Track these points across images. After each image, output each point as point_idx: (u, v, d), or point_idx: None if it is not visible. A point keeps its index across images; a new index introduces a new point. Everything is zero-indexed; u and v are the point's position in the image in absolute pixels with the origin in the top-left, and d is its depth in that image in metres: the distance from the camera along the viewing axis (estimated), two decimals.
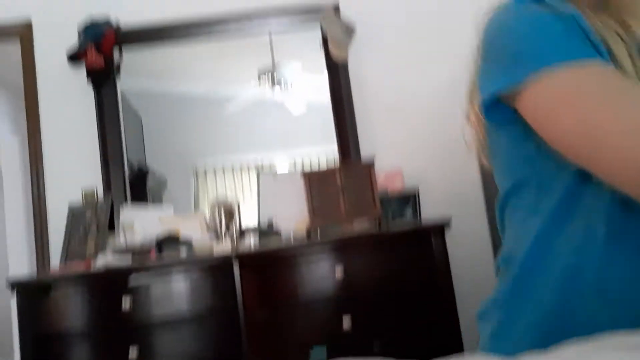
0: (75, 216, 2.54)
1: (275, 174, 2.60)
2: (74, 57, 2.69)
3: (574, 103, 0.60)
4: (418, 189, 2.55)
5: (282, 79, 2.84)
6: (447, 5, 2.86)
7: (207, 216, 2.49)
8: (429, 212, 2.66)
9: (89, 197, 2.60)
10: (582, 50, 0.63)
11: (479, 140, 0.87)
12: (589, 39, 0.65)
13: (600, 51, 0.65)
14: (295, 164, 2.76)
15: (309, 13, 2.79)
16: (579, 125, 0.59)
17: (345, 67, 2.75)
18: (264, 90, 2.82)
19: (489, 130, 0.82)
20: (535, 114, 0.66)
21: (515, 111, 0.70)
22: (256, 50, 2.85)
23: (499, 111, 0.72)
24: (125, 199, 2.62)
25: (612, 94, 0.59)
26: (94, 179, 2.66)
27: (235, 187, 2.72)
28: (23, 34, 2.78)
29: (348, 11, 2.80)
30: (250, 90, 2.81)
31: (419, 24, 2.85)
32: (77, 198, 2.62)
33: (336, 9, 2.79)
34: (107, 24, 2.73)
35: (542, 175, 0.73)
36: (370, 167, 2.40)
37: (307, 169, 2.69)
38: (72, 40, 2.74)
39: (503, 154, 0.81)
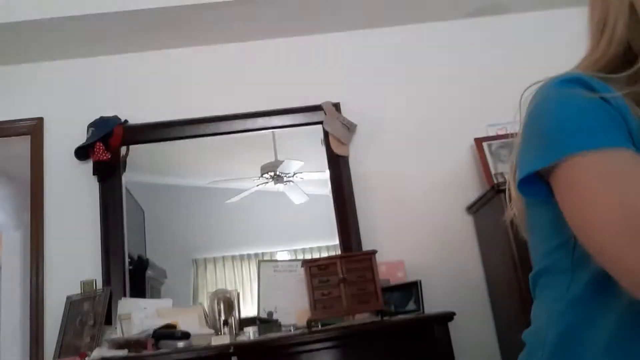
0: (73, 307, 2.50)
1: (276, 264, 2.58)
2: (82, 153, 2.77)
3: (595, 186, 0.62)
4: (420, 281, 2.53)
5: (285, 175, 2.90)
6: (445, 100, 2.98)
7: (206, 308, 2.44)
8: (432, 304, 2.61)
9: (87, 288, 2.57)
10: (618, 138, 0.64)
11: (519, 216, 0.87)
12: (630, 129, 0.66)
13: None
14: (296, 255, 2.75)
15: (311, 111, 2.90)
16: (585, 208, 0.62)
17: (346, 160, 2.82)
18: (267, 184, 2.87)
19: (527, 208, 0.83)
20: (561, 193, 0.68)
21: (551, 192, 0.71)
22: (259, 146, 2.93)
23: (536, 190, 0.73)
24: (124, 291, 2.59)
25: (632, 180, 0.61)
26: (93, 272, 2.65)
27: (235, 278, 2.69)
28: (34, 130, 2.87)
29: (349, 108, 2.91)
30: (253, 184, 2.86)
31: (418, 118, 2.95)
32: (75, 291, 2.60)
33: (337, 106, 2.90)
34: (116, 120, 2.83)
35: (574, 262, 0.73)
36: (371, 257, 2.39)
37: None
38: (80, 135, 2.82)
39: (539, 233, 0.81)
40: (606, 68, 0.75)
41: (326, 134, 2.85)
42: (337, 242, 2.72)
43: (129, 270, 2.66)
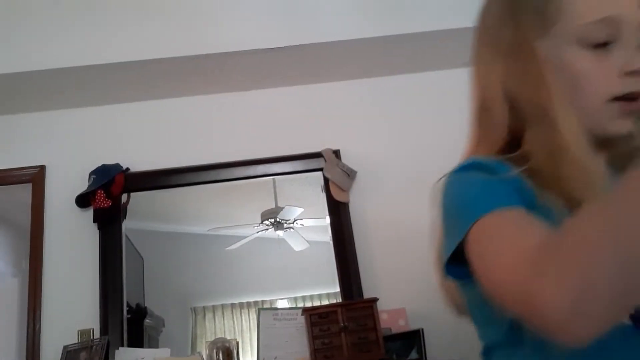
0: (69, 356, 2.45)
1: (276, 312, 2.55)
2: (83, 200, 2.77)
3: (496, 238, 0.67)
4: (422, 329, 2.49)
5: (285, 222, 2.90)
6: (445, 147, 2.99)
7: (205, 358, 2.40)
8: (435, 353, 2.56)
9: (84, 338, 2.53)
10: (512, 201, 0.69)
11: (457, 298, 0.89)
12: (526, 197, 0.71)
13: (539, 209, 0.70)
14: (296, 303, 2.72)
15: (311, 158, 2.92)
16: (489, 259, 0.66)
17: (346, 207, 2.82)
18: (267, 231, 2.86)
19: (461, 289, 0.85)
20: (471, 257, 0.70)
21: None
22: (260, 193, 2.94)
23: (461, 272, 0.75)
24: (122, 341, 2.56)
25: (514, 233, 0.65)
26: (91, 320, 2.61)
27: (234, 326, 2.66)
28: (35, 178, 2.88)
29: (349, 155, 2.93)
30: (253, 231, 2.86)
31: (418, 164, 2.96)
32: (72, 341, 2.56)
33: (337, 153, 2.92)
34: (117, 168, 2.85)
35: (510, 337, 0.75)
36: (372, 305, 2.36)
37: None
38: (82, 183, 2.83)
39: (475, 312, 0.84)
40: (496, 152, 0.80)
41: (326, 180, 2.86)
42: (337, 289, 2.70)
43: (127, 319, 2.62)
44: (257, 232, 2.82)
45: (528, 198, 0.71)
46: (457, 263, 0.73)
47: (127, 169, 2.88)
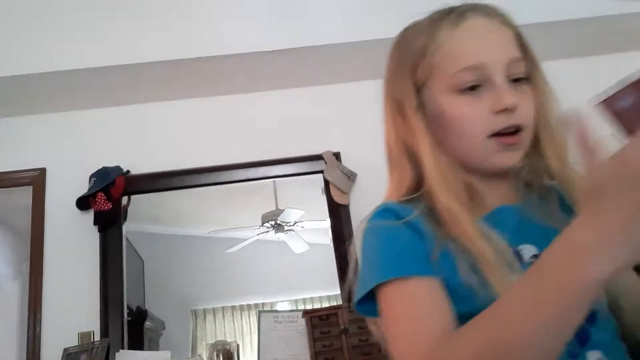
0: (70, 358, 2.45)
1: (276, 314, 2.55)
2: (83, 203, 2.77)
3: (388, 312, 0.75)
4: None
5: (285, 224, 2.90)
6: None
7: None
8: None
9: (84, 340, 2.53)
10: (417, 267, 0.76)
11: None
12: (425, 243, 0.78)
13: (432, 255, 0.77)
14: (297, 305, 2.72)
15: (311, 160, 2.92)
16: (390, 327, 0.74)
17: (347, 209, 2.82)
18: (267, 233, 2.86)
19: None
20: (380, 312, 0.77)
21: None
22: (260, 196, 2.94)
23: (372, 309, 0.80)
24: (122, 343, 2.55)
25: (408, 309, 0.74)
26: (91, 323, 2.61)
27: (235, 328, 2.65)
28: (36, 181, 2.88)
29: (349, 157, 2.93)
30: (253, 233, 2.86)
31: None
32: (72, 343, 2.55)
33: (337, 155, 2.92)
34: (118, 171, 2.85)
35: None
36: None
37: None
38: (82, 186, 2.83)
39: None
40: (407, 193, 0.88)
41: (327, 183, 2.86)
42: (338, 291, 2.69)
43: (127, 322, 2.62)
44: (258, 235, 2.83)
45: (429, 238, 0.79)
46: (368, 299, 0.79)
47: (128, 171, 2.88)
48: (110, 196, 2.76)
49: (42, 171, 2.91)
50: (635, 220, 0.52)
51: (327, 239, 2.80)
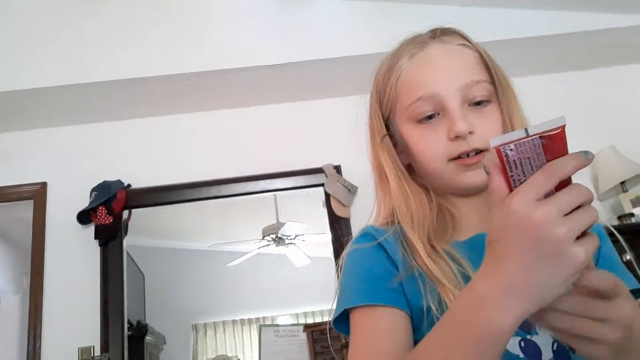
0: None
1: (277, 328, 2.54)
2: (84, 217, 2.77)
3: (352, 335, 0.78)
4: None
5: (286, 237, 2.90)
6: None
7: None
8: None
9: (85, 355, 2.52)
10: (385, 296, 0.78)
11: None
12: (395, 261, 0.81)
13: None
14: (298, 319, 2.70)
15: (312, 173, 2.92)
16: (351, 351, 0.76)
17: (347, 222, 2.81)
18: (268, 247, 2.86)
19: None
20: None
21: None
22: (261, 209, 2.94)
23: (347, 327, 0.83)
24: (123, 358, 2.54)
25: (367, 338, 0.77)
26: (91, 337, 2.60)
27: (235, 343, 2.64)
28: (37, 195, 2.88)
29: (349, 170, 2.93)
30: (254, 247, 2.85)
31: None
32: (73, 358, 2.54)
33: (338, 168, 2.92)
34: (119, 185, 2.85)
35: None
36: None
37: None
38: (83, 200, 2.83)
39: None
40: (385, 218, 0.90)
41: (327, 196, 2.86)
42: None
43: (127, 336, 2.61)
44: (259, 248, 2.82)
45: (398, 262, 0.81)
46: (343, 318, 0.82)
47: (129, 185, 2.88)
48: (111, 210, 2.76)
49: (43, 185, 2.91)
50: (527, 270, 0.53)
51: (328, 252, 2.79)
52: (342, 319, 0.81)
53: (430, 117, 0.85)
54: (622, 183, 2.85)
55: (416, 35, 0.93)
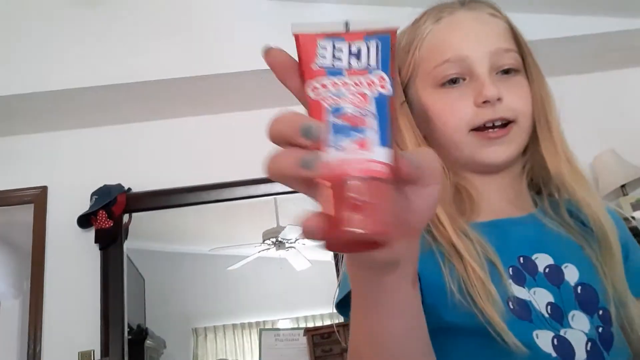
0: None
1: (277, 332, 2.53)
2: (85, 221, 2.77)
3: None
4: None
5: (287, 241, 2.89)
6: None
7: None
8: None
9: (85, 359, 2.51)
10: None
11: None
12: None
13: None
14: (298, 323, 2.70)
15: None
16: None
17: None
18: (268, 251, 2.86)
19: None
20: None
21: None
22: (261, 213, 2.93)
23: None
24: None
25: None
26: (91, 341, 2.60)
27: (235, 347, 2.64)
28: (37, 199, 2.88)
29: None
30: (254, 250, 2.85)
31: None
32: None
33: None
34: (119, 189, 2.85)
35: None
36: None
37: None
38: (84, 204, 2.83)
39: None
40: None
41: None
42: None
43: (128, 340, 2.61)
44: (259, 252, 2.82)
45: None
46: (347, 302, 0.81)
47: (129, 189, 2.88)
48: (111, 214, 2.76)
49: (44, 189, 2.91)
50: None
51: (329, 255, 2.79)
52: (346, 303, 0.77)
53: (454, 81, 0.80)
54: (623, 186, 2.85)
55: (442, 4, 0.87)
